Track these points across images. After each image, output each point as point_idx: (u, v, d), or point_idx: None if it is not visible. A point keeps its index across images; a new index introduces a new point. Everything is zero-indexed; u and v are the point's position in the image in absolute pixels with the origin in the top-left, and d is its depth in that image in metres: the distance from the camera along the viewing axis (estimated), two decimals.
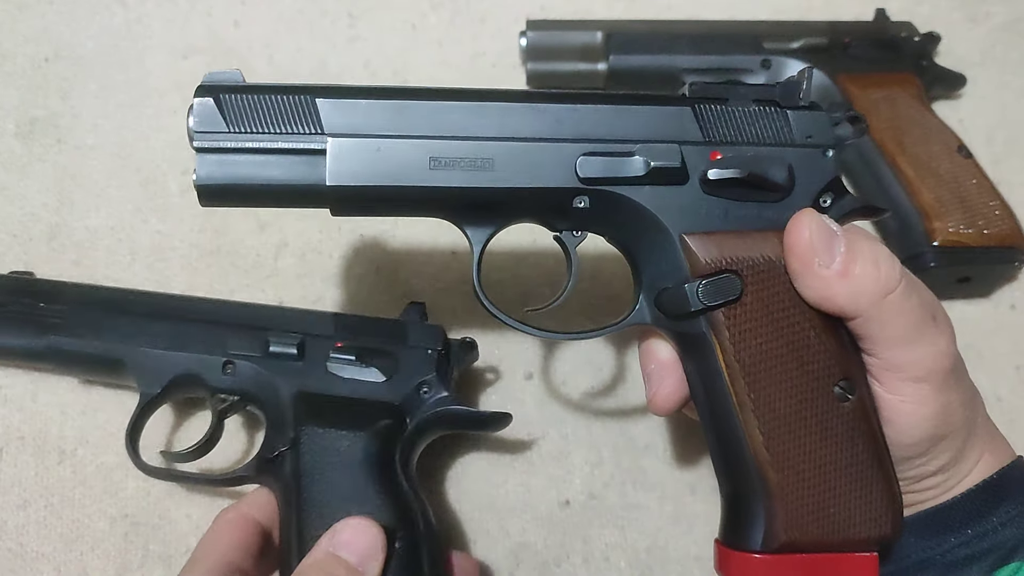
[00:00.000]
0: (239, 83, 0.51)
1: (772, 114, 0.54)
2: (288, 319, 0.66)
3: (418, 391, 0.64)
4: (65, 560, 0.67)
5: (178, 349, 0.64)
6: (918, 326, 0.51)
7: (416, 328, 0.66)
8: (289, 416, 0.62)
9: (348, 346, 0.64)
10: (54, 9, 0.85)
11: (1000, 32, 0.91)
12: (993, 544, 0.53)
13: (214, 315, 0.66)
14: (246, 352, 0.64)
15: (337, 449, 0.60)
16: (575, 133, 0.53)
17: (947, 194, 0.74)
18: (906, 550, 0.55)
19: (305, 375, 0.63)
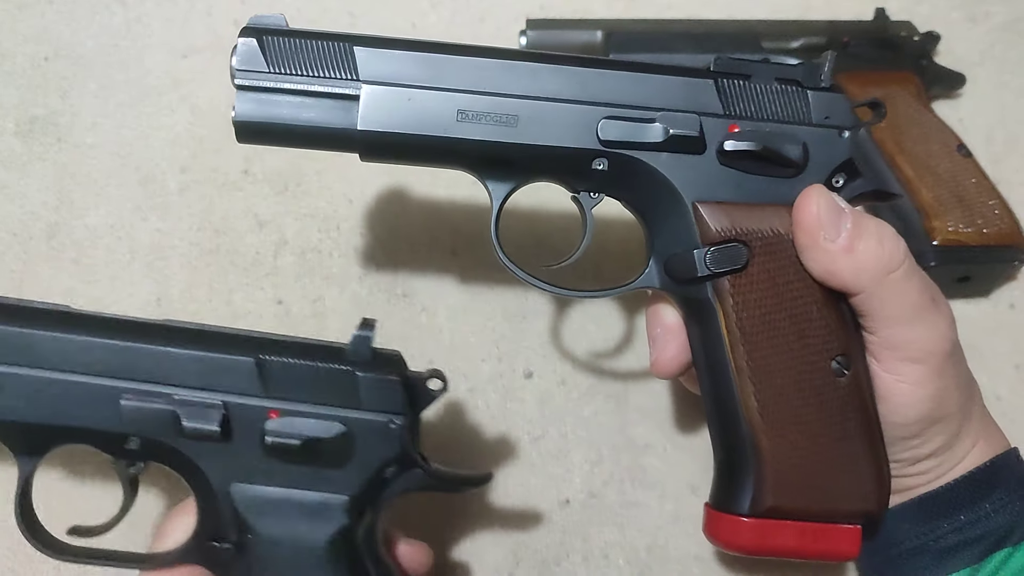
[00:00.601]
0: (282, 26, 0.54)
1: (793, 93, 0.55)
2: (199, 367, 0.51)
3: (380, 473, 0.52)
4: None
5: (58, 420, 0.50)
6: (918, 307, 0.52)
7: (370, 383, 0.52)
8: (225, 511, 0.51)
9: (285, 419, 0.51)
10: (54, 8, 0.85)
11: (1000, 32, 0.91)
12: (985, 530, 0.54)
13: (98, 363, 0.50)
14: (150, 433, 0.51)
15: (295, 560, 0.51)
16: (599, 97, 0.54)
17: (946, 193, 0.74)
18: (899, 536, 0.56)
19: (237, 462, 0.51)
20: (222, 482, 0.51)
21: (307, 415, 0.51)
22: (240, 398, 0.51)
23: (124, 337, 0.50)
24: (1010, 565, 0.53)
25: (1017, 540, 0.54)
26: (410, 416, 0.53)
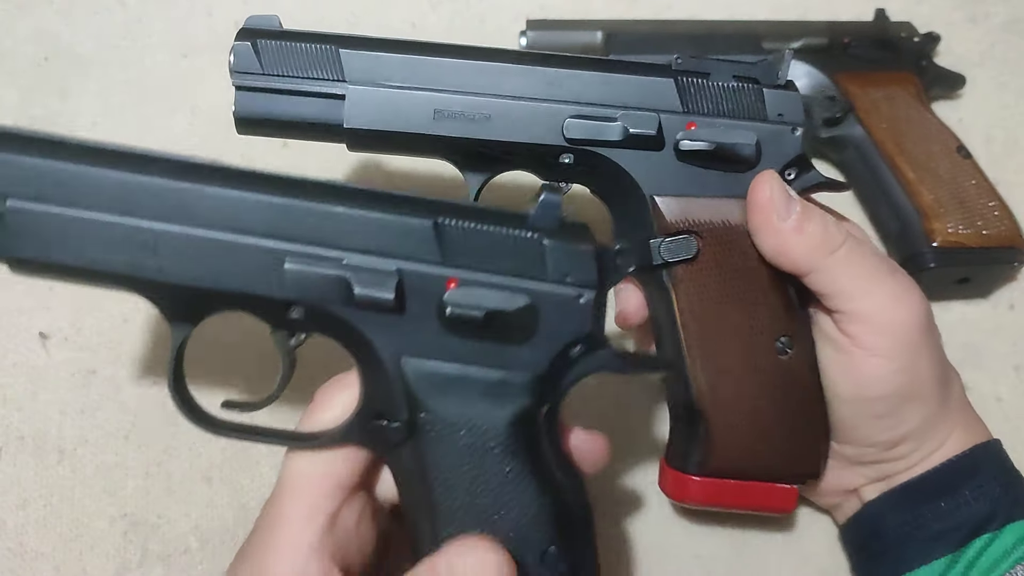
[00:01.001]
0: (275, 28, 0.58)
1: (749, 91, 0.58)
2: (372, 228, 0.46)
3: (565, 352, 0.47)
4: (64, 559, 0.67)
5: (216, 284, 0.45)
6: (873, 276, 0.56)
7: (558, 252, 0.47)
8: (395, 387, 0.46)
9: (463, 292, 0.46)
10: (54, 8, 0.85)
11: (1000, 32, 0.91)
12: (966, 517, 0.55)
13: (260, 223, 0.45)
14: (316, 301, 0.46)
15: (471, 444, 0.46)
16: (566, 96, 0.57)
17: (946, 195, 0.74)
18: (884, 526, 0.59)
19: (409, 336, 0.46)
20: (393, 356, 0.46)
21: (489, 285, 0.46)
22: (416, 264, 0.46)
23: (289, 195, 0.46)
24: (991, 550, 0.54)
25: (998, 526, 0.55)
26: (600, 291, 0.48)
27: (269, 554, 0.46)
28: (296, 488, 0.47)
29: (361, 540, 0.48)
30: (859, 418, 0.58)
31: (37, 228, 0.44)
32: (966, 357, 0.77)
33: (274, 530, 0.46)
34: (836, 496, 0.63)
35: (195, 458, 0.70)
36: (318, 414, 0.49)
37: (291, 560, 0.45)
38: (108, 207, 0.44)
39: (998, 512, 0.55)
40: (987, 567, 0.54)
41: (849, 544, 0.64)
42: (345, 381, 0.50)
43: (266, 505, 0.49)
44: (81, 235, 0.44)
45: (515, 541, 0.45)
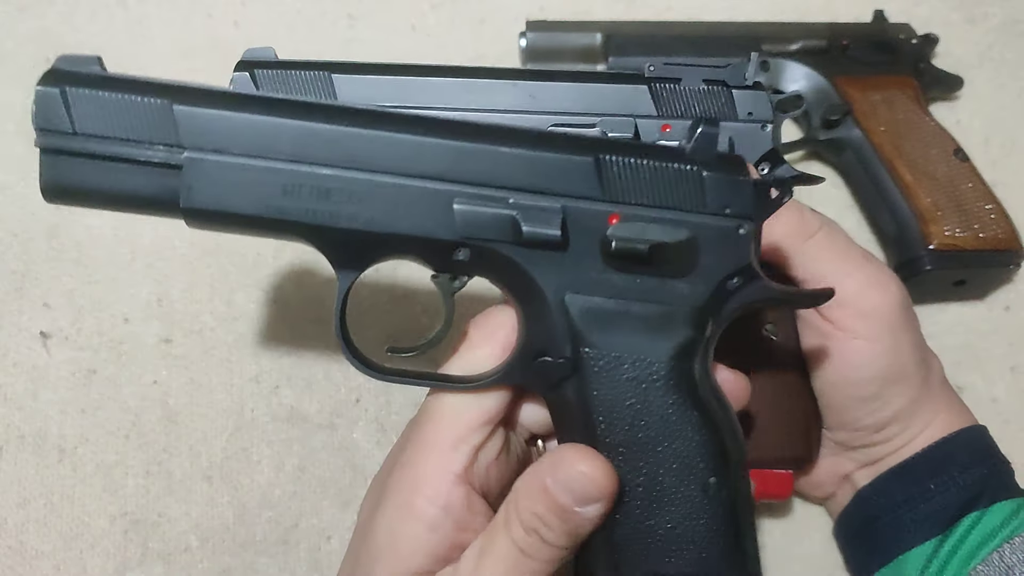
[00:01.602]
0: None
1: (719, 92, 0.60)
2: (536, 167, 0.46)
3: (724, 284, 0.47)
4: (65, 558, 0.67)
5: (388, 227, 0.46)
6: (850, 260, 0.57)
7: (717, 184, 0.47)
8: (559, 324, 0.47)
9: (626, 226, 0.46)
10: (55, 10, 0.85)
11: (998, 33, 0.91)
12: (954, 497, 0.57)
13: (436, 163, 0.46)
14: (484, 240, 0.46)
15: (632, 377, 0.46)
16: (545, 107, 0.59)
17: (943, 198, 0.74)
18: (876, 511, 0.61)
19: (573, 272, 0.46)
20: (557, 293, 0.46)
21: (650, 219, 0.46)
22: (579, 201, 0.46)
23: (456, 137, 0.46)
24: (978, 529, 0.56)
25: (986, 504, 0.57)
26: (758, 222, 0.48)
27: (415, 474, 0.48)
28: (444, 418, 0.48)
29: (500, 472, 0.50)
30: (846, 402, 0.59)
31: (214, 178, 0.45)
32: (963, 359, 0.77)
33: (421, 453, 0.48)
34: (829, 484, 0.65)
35: (195, 457, 0.70)
36: (473, 351, 0.50)
37: (436, 485, 0.47)
38: (284, 156, 0.45)
39: (985, 492, 0.57)
40: (975, 546, 0.56)
41: (844, 534, 0.65)
42: (498, 320, 0.50)
43: (410, 430, 0.51)
44: (257, 184, 0.45)
45: (677, 473, 0.46)
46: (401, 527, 0.47)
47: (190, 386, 0.72)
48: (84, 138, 0.45)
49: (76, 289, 0.75)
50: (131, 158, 0.45)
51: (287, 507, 0.70)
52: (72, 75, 0.45)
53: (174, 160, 0.45)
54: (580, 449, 0.46)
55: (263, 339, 0.74)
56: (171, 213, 0.46)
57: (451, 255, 0.47)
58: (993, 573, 0.54)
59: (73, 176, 0.45)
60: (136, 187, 0.45)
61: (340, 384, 0.73)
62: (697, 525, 0.46)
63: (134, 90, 0.45)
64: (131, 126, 0.45)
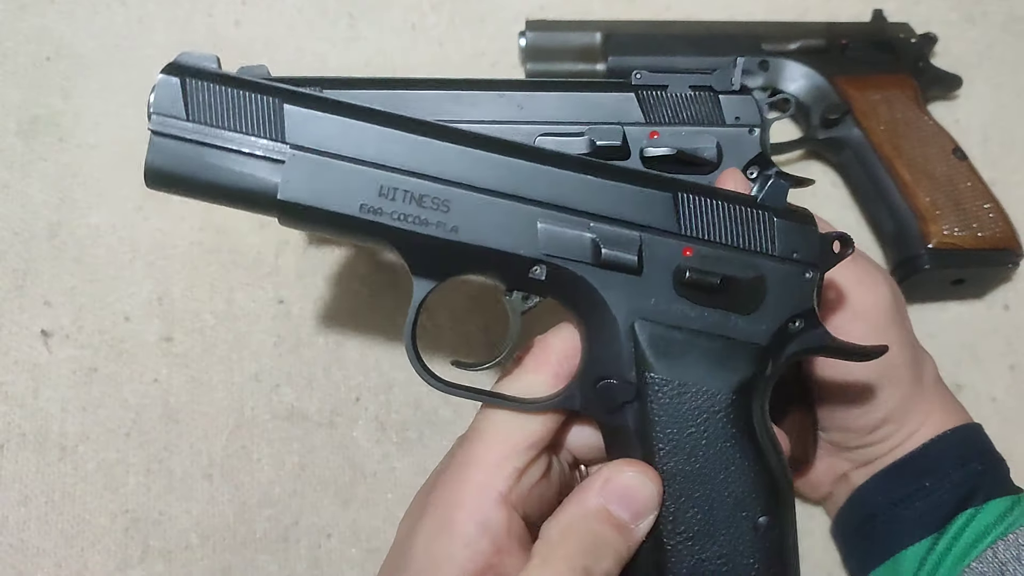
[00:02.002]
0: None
1: (706, 98, 0.61)
2: (618, 197, 0.49)
3: (787, 326, 0.49)
4: (66, 556, 0.68)
5: (472, 239, 0.48)
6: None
7: (787, 229, 0.50)
8: (625, 349, 0.48)
9: (700, 257, 0.49)
10: (55, 8, 0.85)
11: (997, 32, 0.91)
12: (949, 495, 0.58)
13: (525, 184, 0.48)
14: (564, 260, 0.48)
15: (693, 407, 0.48)
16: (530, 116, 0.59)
17: (942, 197, 0.74)
18: (872, 510, 0.61)
19: (645, 299, 0.48)
20: (627, 317, 0.48)
21: (721, 257, 0.49)
22: (656, 233, 0.49)
23: (544, 162, 0.49)
24: (973, 526, 0.56)
25: (980, 501, 0.57)
26: (823, 270, 0.50)
27: (458, 490, 0.47)
28: (492, 437, 0.48)
29: (541, 496, 0.50)
30: (838, 404, 0.60)
31: (314, 175, 0.47)
32: (962, 357, 0.77)
33: (465, 470, 0.48)
34: (826, 484, 0.65)
35: (196, 455, 0.70)
36: (526, 375, 0.50)
37: (478, 502, 0.47)
38: (383, 161, 0.48)
39: (979, 490, 0.58)
40: (969, 543, 0.56)
41: (842, 533, 0.65)
42: (551, 347, 0.51)
43: (458, 444, 0.51)
44: (354, 184, 0.47)
45: (730, 508, 0.47)
46: (439, 542, 0.47)
47: (191, 384, 0.72)
48: (196, 125, 0.47)
49: (77, 287, 0.75)
50: (238, 148, 0.47)
51: (287, 505, 0.70)
52: (192, 68, 0.48)
53: (278, 154, 0.47)
54: (625, 460, 0.47)
55: (263, 338, 0.74)
56: (266, 208, 0.48)
57: (528, 272, 0.49)
58: (987, 570, 0.55)
59: (178, 162, 0.47)
60: (237, 179, 0.47)
61: (340, 383, 0.73)
62: (747, 564, 0.47)
63: (248, 87, 0.48)
64: (242, 118, 0.48)
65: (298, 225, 0.51)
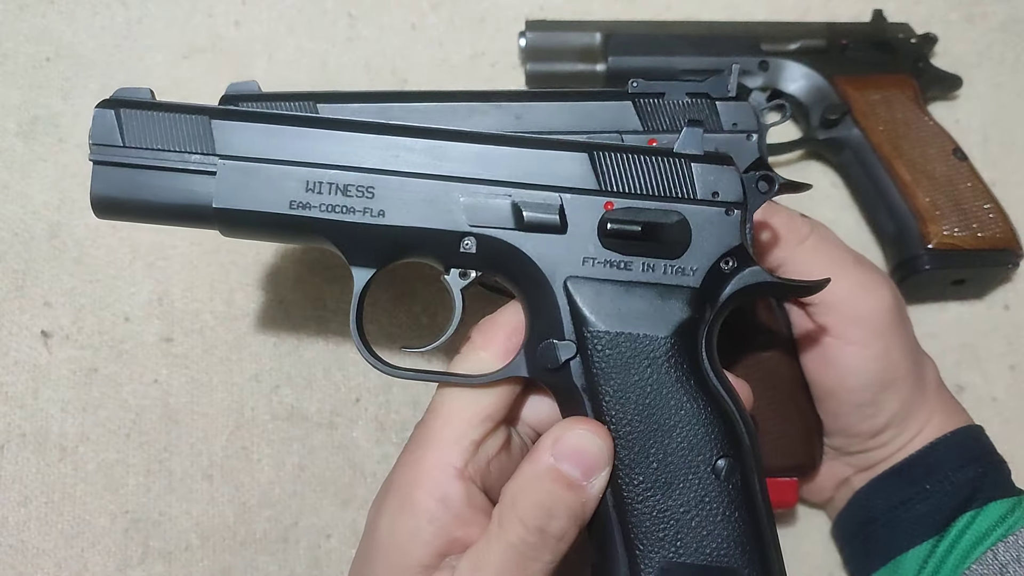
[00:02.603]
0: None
1: (703, 105, 0.61)
2: (535, 164, 0.51)
3: (718, 265, 0.50)
4: (66, 556, 0.68)
5: (399, 221, 0.51)
6: (839, 265, 0.58)
7: (705, 171, 0.51)
8: (562, 307, 0.50)
9: (621, 209, 0.50)
10: (55, 8, 0.85)
11: (997, 32, 0.91)
12: (949, 497, 0.58)
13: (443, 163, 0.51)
14: (491, 225, 0.51)
15: (635, 357, 0.49)
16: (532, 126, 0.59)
17: (942, 197, 0.74)
18: (873, 513, 0.61)
19: (573, 254, 0.50)
20: (558, 276, 0.50)
21: (643, 207, 0.51)
22: (576, 193, 0.51)
23: (459, 140, 0.51)
24: (973, 529, 0.57)
25: (981, 503, 0.57)
26: (746, 208, 0.51)
27: (416, 469, 0.49)
28: (447, 415, 0.50)
29: (501, 468, 0.51)
30: (841, 409, 0.60)
31: (244, 180, 0.50)
32: (962, 358, 0.77)
33: (423, 449, 0.50)
34: (828, 489, 0.65)
35: (196, 456, 0.71)
36: (476, 352, 0.52)
37: (436, 478, 0.48)
38: (305, 159, 0.51)
39: (980, 492, 0.58)
40: (970, 545, 0.56)
41: (842, 536, 0.65)
42: (498, 323, 0.53)
43: (416, 428, 0.52)
44: (282, 182, 0.50)
45: (686, 453, 0.48)
46: (401, 520, 0.48)
47: (190, 385, 0.72)
48: (132, 150, 0.51)
49: (77, 288, 0.75)
50: (172, 166, 0.50)
51: (287, 505, 0.70)
52: (125, 100, 0.52)
53: (209, 166, 0.51)
54: (575, 418, 0.48)
55: (263, 338, 0.74)
56: (206, 219, 0.51)
57: (459, 246, 0.51)
58: (987, 572, 0.55)
59: (120, 187, 0.51)
60: (175, 195, 0.51)
61: (340, 383, 0.73)
62: (711, 511, 0.47)
63: (177, 109, 0.51)
64: (173, 138, 0.51)
65: (238, 232, 0.53)
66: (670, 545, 0.47)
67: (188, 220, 0.52)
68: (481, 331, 0.53)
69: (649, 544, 0.47)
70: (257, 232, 0.54)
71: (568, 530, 0.46)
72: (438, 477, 0.48)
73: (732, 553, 0.47)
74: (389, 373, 0.53)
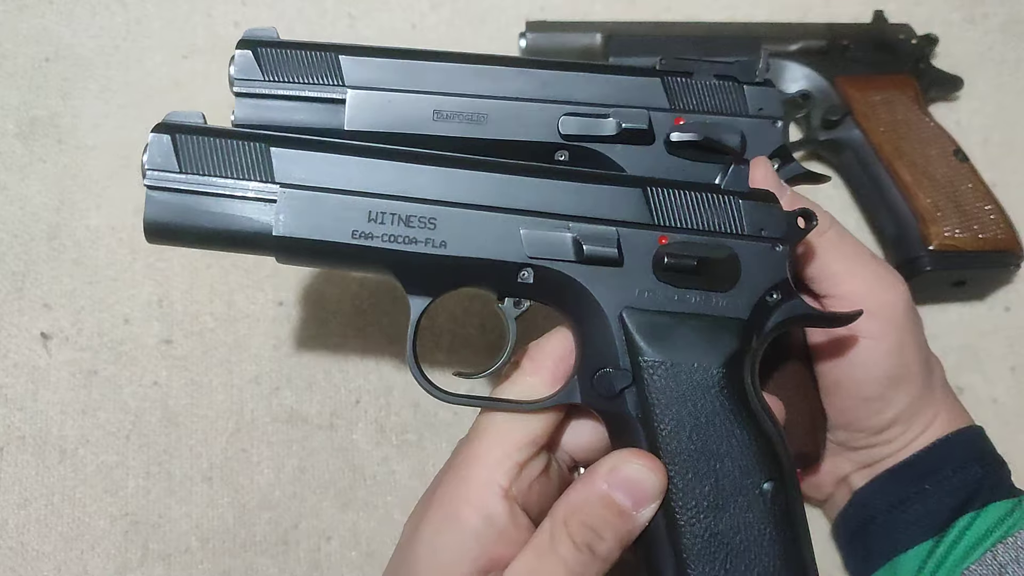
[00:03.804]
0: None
1: (730, 88, 0.61)
2: (593, 198, 0.53)
3: (765, 298, 0.52)
4: (65, 559, 0.68)
5: (460, 251, 0.51)
6: (857, 258, 0.58)
7: (752, 209, 0.53)
8: (617, 338, 0.51)
9: (676, 243, 0.52)
10: (54, 9, 0.85)
11: (998, 33, 0.91)
12: (949, 498, 0.58)
13: (504, 195, 0.52)
14: (550, 257, 0.52)
15: (688, 385, 0.50)
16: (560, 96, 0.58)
17: (943, 198, 0.74)
18: (873, 511, 0.61)
19: (629, 286, 0.52)
20: (615, 308, 0.51)
21: (695, 241, 0.52)
22: (631, 226, 0.52)
23: (519, 172, 0.52)
24: (973, 530, 0.57)
25: (981, 504, 0.57)
26: (792, 244, 0.53)
27: (462, 486, 0.50)
28: (493, 435, 0.51)
29: (541, 492, 0.52)
30: (850, 402, 0.60)
31: (305, 208, 0.50)
32: (962, 359, 0.77)
33: (468, 467, 0.51)
34: (828, 485, 0.65)
35: (196, 458, 0.70)
36: (524, 378, 0.53)
37: (482, 497, 0.49)
38: (369, 189, 0.51)
39: (979, 493, 0.58)
40: (969, 546, 0.56)
41: (842, 536, 0.65)
42: (546, 350, 0.54)
43: (460, 445, 0.53)
44: (345, 212, 0.50)
45: (737, 478, 0.49)
46: (445, 537, 0.49)
47: (190, 387, 0.72)
48: (190, 176, 0.50)
49: (76, 290, 0.75)
50: (231, 193, 0.50)
51: (287, 508, 0.70)
52: (179, 124, 0.51)
53: (269, 194, 0.50)
54: (632, 450, 0.49)
55: (263, 340, 0.74)
56: (264, 247, 0.51)
57: (516, 277, 0.52)
58: (987, 572, 0.55)
59: (175, 213, 0.50)
60: (232, 222, 0.50)
61: (340, 385, 0.73)
62: (759, 533, 0.49)
63: (234, 136, 0.51)
64: (232, 165, 0.51)
65: (296, 260, 0.53)
66: (720, 567, 0.48)
67: (244, 247, 0.52)
68: (531, 358, 0.54)
69: (700, 566, 0.48)
70: (316, 260, 0.54)
71: (613, 551, 0.48)
72: (484, 495, 0.49)
73: (779, 573, 0.48)
74: (447, 400, 0.53)
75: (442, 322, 0.75)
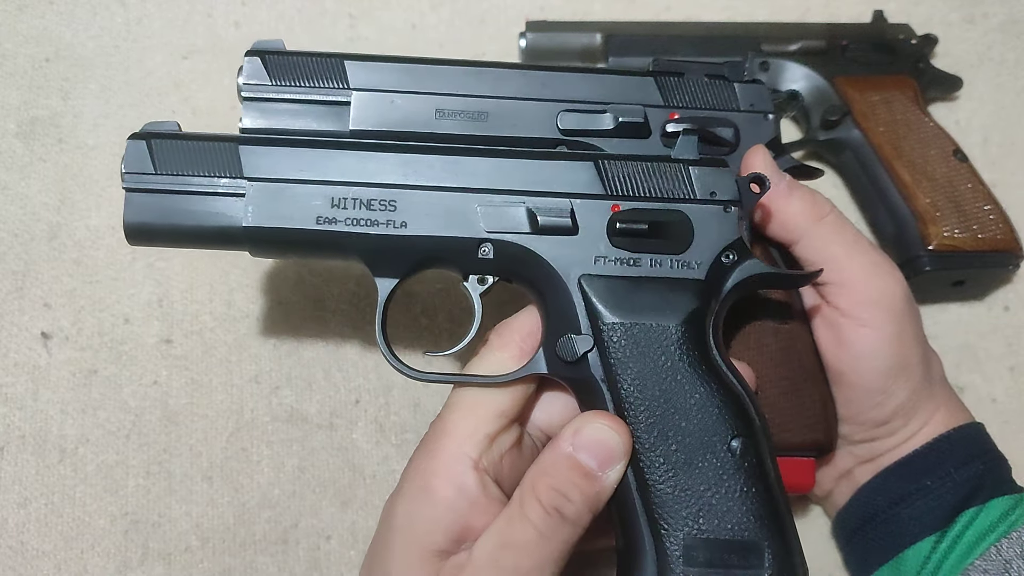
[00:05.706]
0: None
1: (721, 85, 0.63)
2: (545, 173, 0.55)
3: (720, 258, 0.54)
4: (65, 558, 0.68)
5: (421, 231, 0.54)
6: (856, 245, 0.59)
7: (702, 174, 0.55)
8: (577, 304, 0.53)
9: (627, 210, 0.54)
10: (55, 9, 0.85)
11: (997, 33, 0.91)
12: (951, 494, 0.58)
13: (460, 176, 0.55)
14: (507, 231, 0.54)
15: (649, 346, 0.52)
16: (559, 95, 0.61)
17: (942, 199, 0.74)
18: (874, 508, 0.61)
19: (585, 254, 0.54)
20: (573, 275, 0.53)
21: (647, 208, 0.54)
22: (585, 198, 0.54)
23: (474, 153, 0.55)
24: (976, 525, 0.57)
25: (983, 500, 0.58)
26: (743, 205, 0.55)
27: (433, 459, 0.52)
28: (463, 409, 0.53)
29: (513, 464, 0.54)
30: (851, 393, 0.60)
31: (272, 199, 0.53)
32: (962, 359, 0.77)
33: (439, 440, 0.53)
34: (828, 481, 0.65)
35: (196, 457, 0.70)
36: (493, 354, 0.55)
37: (453, 466, 0.51)
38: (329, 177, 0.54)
39: (982, 488, 0.58)
40: (972, 542, 0.56)
41: (843, 534, 0.65)
42: (514, 327, 0.56)
43: (432, 423, 0.55)
44: (308, 200, 0.53)
45: (703, 434, 0.51)
46: (419, 507, 0.51)
47: (190, 386, 0.72)
48: (164, 176, 0.54)
49: (77, 289, 0.75)
50: (202, 190, 0.53)
51: (287, 507, 0.70)
52: (154, 131, 0.55)
53: (238, 188, 0.53)
54: (596, 412, 0.51)
55: (263, 340, 0.74)
56: (236, 240, 0.54)
57: (477, 253, 0.54)
58: (991, 568, 0.55)
59: (152, 213, 0.53)
60: (205, 218, 0.53)
61: (340, 385, 0.73)
62: (730, 488, 0.50)
63: (205, 139, 0.54)
64: (202, 164, 0.54)
65: (267, 251, 0.57)
66: (693, 522, 0.50)
67: (218, 242, 0.55)
68: (498, 334, 0.56)
69: (673, 522, 0.50)
70: (285, 249, 0.56)
71: (582, 514, 0.49)
72: (455, 467, 0.51)
73: (752, 527, 0.49)
74: (416, 377, 0.55)
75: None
